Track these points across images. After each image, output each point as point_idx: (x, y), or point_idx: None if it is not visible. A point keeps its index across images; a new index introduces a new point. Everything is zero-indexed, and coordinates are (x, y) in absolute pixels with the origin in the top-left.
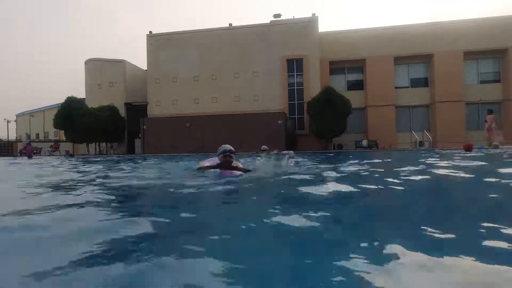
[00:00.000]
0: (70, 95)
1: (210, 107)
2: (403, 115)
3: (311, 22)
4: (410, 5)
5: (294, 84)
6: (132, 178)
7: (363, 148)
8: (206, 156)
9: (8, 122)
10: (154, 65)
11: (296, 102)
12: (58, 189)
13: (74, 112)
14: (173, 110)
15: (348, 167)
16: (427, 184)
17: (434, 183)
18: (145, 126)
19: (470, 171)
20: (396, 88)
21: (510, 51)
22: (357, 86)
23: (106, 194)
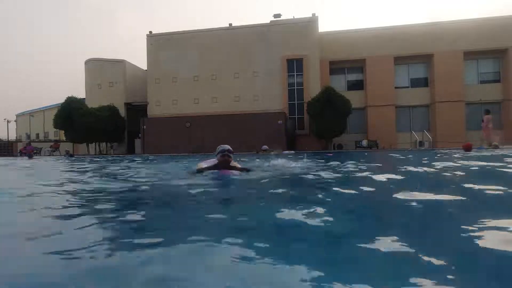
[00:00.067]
0: (70, 95)
1: (210, 107)
2: (403, 115)
3: (311, 22)
4: (410, 5)
5: (294, 84)
6: (132, 179)
7: (363, 148)
8: (206, 156)
9: (8, 122)
10: (154, 65)
11: (296, 102)
12: (55, 192)
13: (74, 112)
14: (173, 110)
15: (346, 167)
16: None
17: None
18: (145, 126)
19: (470, 171)
20: (396, 88)
21: (510, 51)
22: (357, 86)
23: (108, 196)
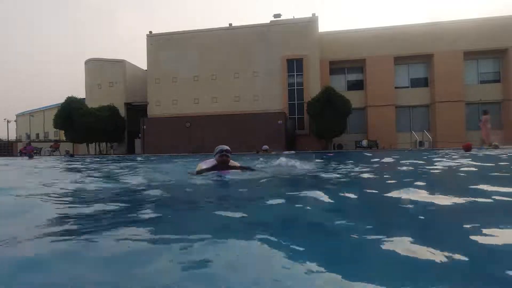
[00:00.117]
0: (70, 95)
1: (210, 107)
2: (403, 115)
3: (311, 22)
4: (410, 5)
5: (294, 84)
6: (132, 180)
7: (363, 148)
8: (206, 156)
9: (8, 122)
10: (154, 65)
11: (296, 102)
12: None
13: (74, 112)
14: (173, 110)
15: (347, 167)
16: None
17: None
18: (145, 126)
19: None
20: (396, 88)
21: (510, 51)
22: (357, 86)
23: (109, 197)
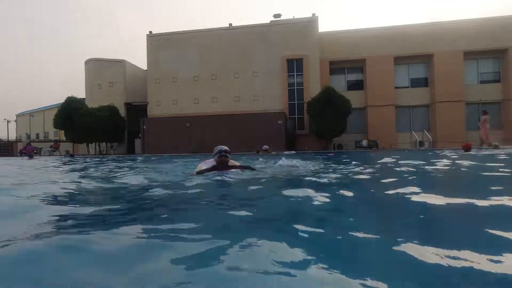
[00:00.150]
0: (70, 95)
1: (210, 107)
2: (403, 115)
3: (311, 22)
4: (410, 5)
5: (294, 84)
6: (131, 180)
7: (363, 148)
8: (206, 156)
9: (8, 122)
10: (154, 65)
11: (296, 102)
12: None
13: (74, 112)
14: (173, 110)
15: (344, 167)
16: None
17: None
18: (145, 126)
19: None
20: (396, 88)
21: (510, 51)
22: (357, 86)
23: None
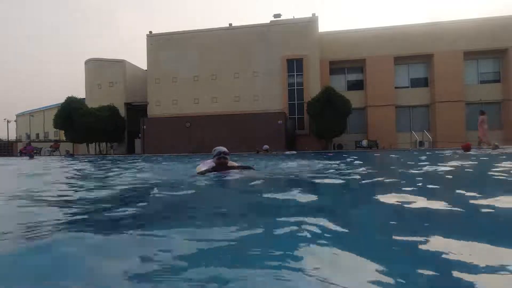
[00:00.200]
0: (70, 95)
1: (210, 107)
2: (403, 115)
3: (311, 22)
4: (410, 5)
5: (294, 84)
6: (132, 181)
7: (363, 148)
8: (206, 156)
9: (8, 122)
10: (154, 65)
11: (296, 102)
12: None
13: (74, 112)
14: (173, 110)
15: (344, 167)
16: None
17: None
18: (145, 126)
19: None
20: (396, 88)
21: (510, 51)
22: (357, 86)
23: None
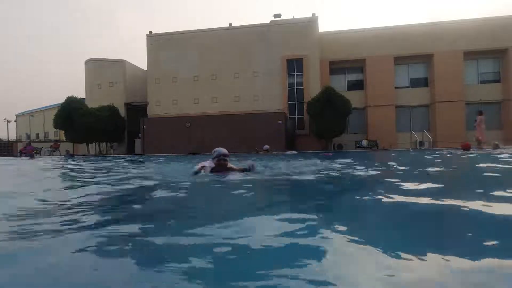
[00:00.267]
0: (70, 95)
1: (210, 107)
2: (403, 115)
3: (311, 22)
4: (410, 5)
5: (294, 84)
6: (133, 182)
7: (363, 148)
8: (206, 156)
9: (8, 122)
10: (154, 65)
11: (296, 102)
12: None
13: (74, 112)
14: (173, 110)
15: (344, 167)
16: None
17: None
18: (145, 126)
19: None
20: (396, 88)
21: (510, 51)
22: (357, 86)
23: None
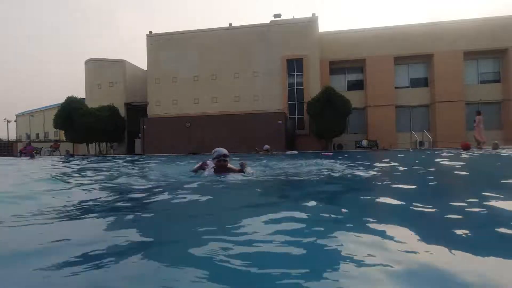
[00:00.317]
0: (70, 95)
1: (210, 107)
2: (403, 115)
3: (311, 22)
4: (410, 5)
5: (294, 84)
6: (133, 182)
7: (363, 148)
8: (206, 156)
9: (8, 122)
10: (154, 65)
11: (296, 102)
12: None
13: (74, 112)
14: (173, 110)
15: (344, 167)
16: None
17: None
18: (145, 126)
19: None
20: (396, 88)
21: (510, 51)
22: (357, 86)
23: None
